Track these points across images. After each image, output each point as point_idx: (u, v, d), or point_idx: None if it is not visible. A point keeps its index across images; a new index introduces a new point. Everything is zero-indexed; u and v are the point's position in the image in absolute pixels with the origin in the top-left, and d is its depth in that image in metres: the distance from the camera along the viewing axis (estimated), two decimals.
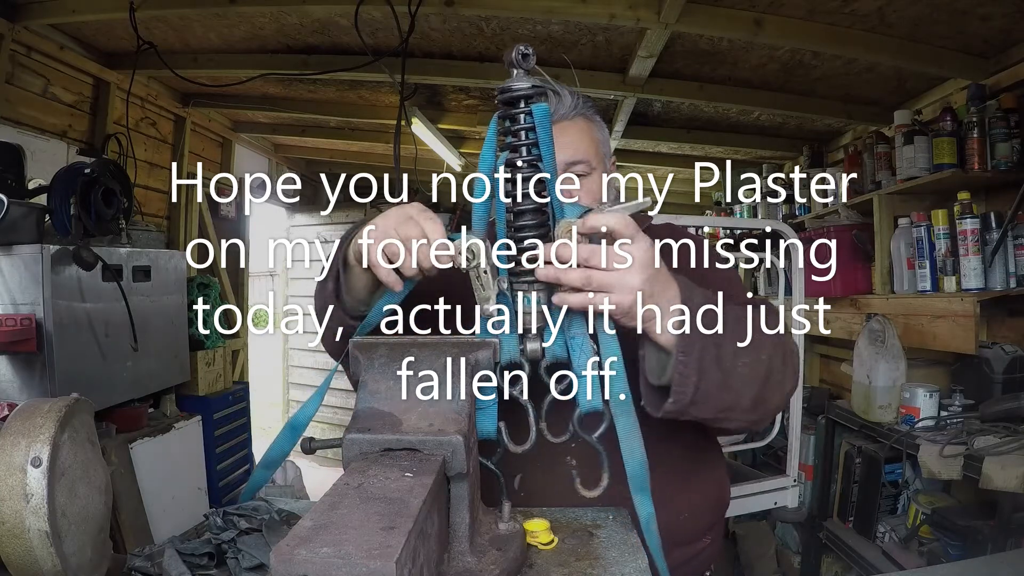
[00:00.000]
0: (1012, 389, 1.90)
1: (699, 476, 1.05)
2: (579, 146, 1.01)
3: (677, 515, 1.00)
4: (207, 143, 3.55)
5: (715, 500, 1.07)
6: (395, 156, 2.22)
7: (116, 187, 2.11)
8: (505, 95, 0.73)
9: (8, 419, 0.72)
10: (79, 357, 2.03)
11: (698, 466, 1.05)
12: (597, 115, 1.08)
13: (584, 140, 1.02)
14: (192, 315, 2.80)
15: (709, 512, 1.06)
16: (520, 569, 0.71)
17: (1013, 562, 1.48)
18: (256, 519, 0.80)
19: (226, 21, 2.33)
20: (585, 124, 1.04)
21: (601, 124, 1.08)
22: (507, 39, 2.34)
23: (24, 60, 2.26)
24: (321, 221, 5.00)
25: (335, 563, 0.44)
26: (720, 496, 1.09)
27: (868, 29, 2.04)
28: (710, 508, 1.06)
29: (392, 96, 2.99)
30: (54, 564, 0.68)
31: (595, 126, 1.06)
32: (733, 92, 2.64)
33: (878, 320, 2.26)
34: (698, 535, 1.04)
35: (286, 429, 0.83)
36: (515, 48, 0.70)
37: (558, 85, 1.03)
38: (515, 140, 0.74)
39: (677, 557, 1.00)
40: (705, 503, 1.05)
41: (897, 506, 2.29)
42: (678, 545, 1.01)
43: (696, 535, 1.04)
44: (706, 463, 1.07)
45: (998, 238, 1.98)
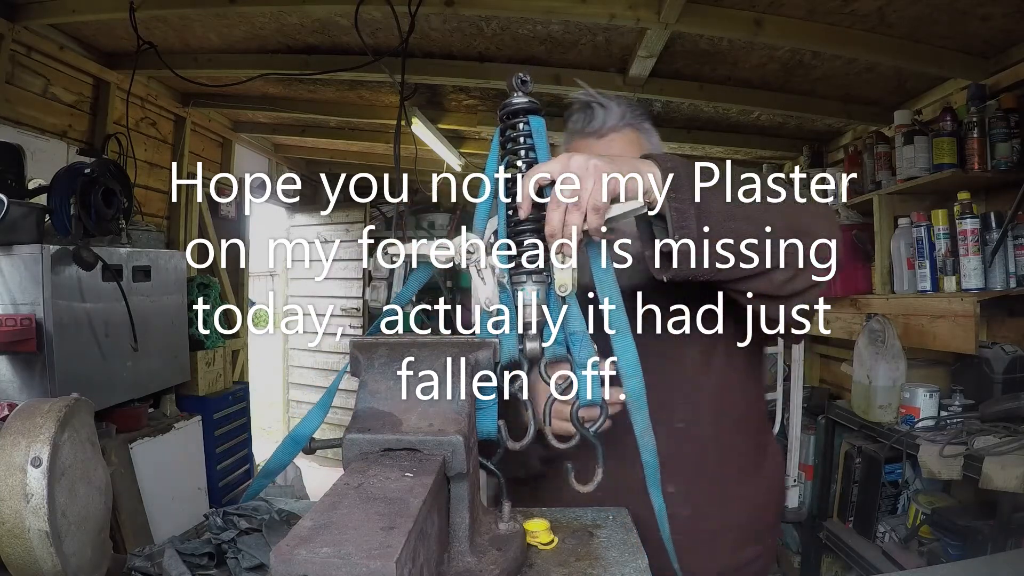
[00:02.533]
0: (1012, 389, 1.90)
1: (763, 470, 1.07)
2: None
3: (749, 508, 1.02)
4: (207, 143, 3.55)
5: (777, 492, 1.11)
6: (395, 156, 2.22)
7: (116, 187, 2.11)
8: (506, 110, 0.79)
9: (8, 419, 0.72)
10: (79, 357, 2.02)
11: (763, 460, 1.07)
12: (648, 121, 1.09)
13: (631, 150, 1.03)
14: (192, 315, 2.80)
15: (773, 506, 1.09)
16: (520, 569, 0.71)
17: (1013, 562, 1.48)
18: (256, 519, 0.80)
19: (226, 21, 2.33)
20: (634, 135, 1.06)
21: (650, 131, 1.09)
22: (507, 39, 2.34)
23: (24, 60, 2.26)
24: (321, 221, 5.00)
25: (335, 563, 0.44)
26: (780, 488, 1.12)
27: (868, 29, 2.04)
28: (773, 502, 1.09)
29: (392, 96, 2.99)
30: (54, 564, 0.68)
31: (643, 135, 1.07)
32: (733, 92, 2.64)
33: (878, 320, 2.26)
34: (765, 532, 1.07)
35: (287, 442, 0.83)
36: (515, 75, 0.77)
37: (605, 98, 1.05)
38: (515, 145, 0.79)
39: (751, 552, 1.03)
40: (769, 495, 1.07)
41: (897, 506, 2.29)
42: (752, 541, 1.04)
43: (764, 531, 1.06)
44: (769, 456, 1.09)
45: (998, 238, 1.98)
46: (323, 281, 4.97)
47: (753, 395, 1.11)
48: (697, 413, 1.01)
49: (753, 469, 1.05)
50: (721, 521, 1.00)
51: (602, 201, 0.68)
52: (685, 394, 1.01)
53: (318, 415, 0.85)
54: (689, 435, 1.00)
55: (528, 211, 0.72)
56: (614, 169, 0.70)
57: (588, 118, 1.06)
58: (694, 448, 1.00)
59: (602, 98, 1.05)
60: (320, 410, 0.85)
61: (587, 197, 0.68)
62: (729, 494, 1.02)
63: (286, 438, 0.84)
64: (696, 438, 1.01)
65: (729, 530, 1.01)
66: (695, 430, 1.01)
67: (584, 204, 0.68)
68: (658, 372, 1.01)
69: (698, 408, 1.02)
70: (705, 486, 1.00)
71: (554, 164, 0.70)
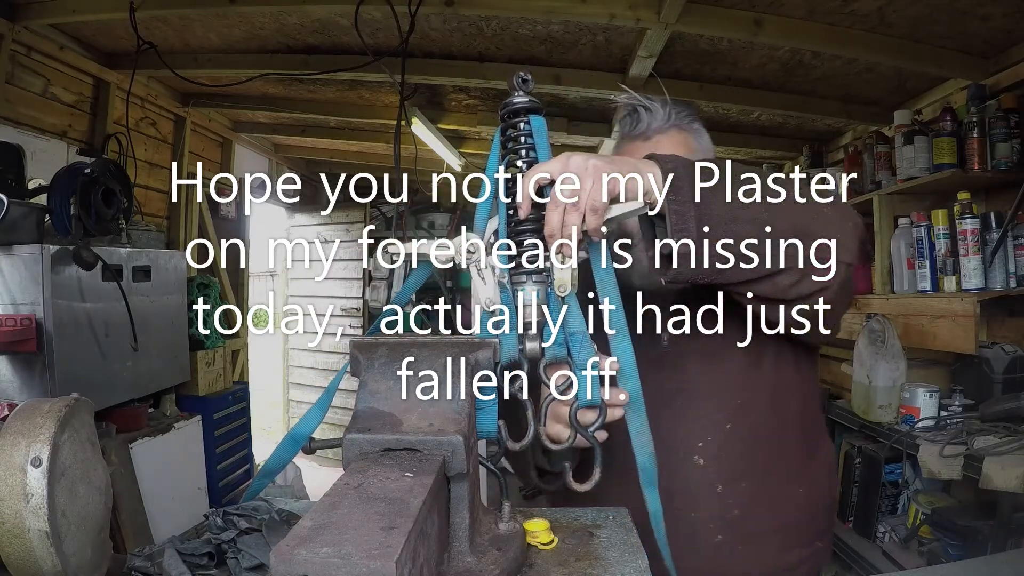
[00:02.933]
0: (1012, 389, 1.90)
1: (813, 473, 1.05)
2: None
3: (796, 511, 1.01)
4: (207, 143, 3.55)
5: (828, 496, 1.07)
6: (395, 156, 2.22)
7: (116, 187, 2.11)
8: (507, 109, 0.79)
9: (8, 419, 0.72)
10: (79, 357, 2.02)
11: (813, 463, 1.05)
12: (696, 122, 1.08)
13: (678, 151, 1.01)
14: (192, 315, 2.80)
15: (823, 511, 1.06)
16: (520, 569, 0.71)
17: (1013, 562, 1.48)
18: (256, 519, 0.80)
19: (226, 21, 2.33)
20: (680, 136, 1.05)
21: (699, 131, 1.09)
22: (507, 39, 2.34)
23: (24, 60, 2.26)
24: (321, 221, 5.00)
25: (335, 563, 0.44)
26: (831, 492, 1.09)
27: (868, 29, 2.04)
28: (823, 506, 1.06)
29: (392, 96, 2.99)
30: (54, 564, 0.68)
31: (692, 135, 1.07)
32: (733, 92, 2.64)
33: (878, 320, 2.26)
34: (814, 536, 1.04)
35: (287, 441, 0.83)
36: (516, 75, 0.77)
37: (651, 101, 1.05)
38: (516, 144, 0.78)
39: (796, 556, 1.01)
40: (818, 499, 1.05)
41: (897, 506, 2.29)
42: (799, 544, 1.02)
43: (813, 535, 1.04)
44: (819, 459, 1.07)
45: (998, 238, 1.98)
46: (323, 281, 4.97)
47: (805, 395, 1.09)
48: (746, 413, 1.00)
49: (804, 471, 1.03)
50: (769, 522, 0.99)
51: (601, 201, 0.68)
52: (733, 393, 1.00)
53: (317, 414, 0.85)
54: (737, 435, 0.99)
55: (528, 211, 0.72)
56: (613, 169, 0.70)
57: (634, 121, 1.06)
58: (743, 448, 0.99)
59: (647, 101, 1.05)
60: (319, 409, 0.85)
61: (586, 197, 0.68)
62: (778, 495, 1.00)
63: (285, 437, 0.84)
64: (744, 438, 0.99)
65: (777, 532, 0.99)
66: (743, 430, 0.99)
67: (583, 204, 0.68)
68: (704, 372, 1.00)
69: (747, 408, 1.00)
70: (753, 487, 0.99)
71: (554, 164, 0.70)
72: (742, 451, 0.99)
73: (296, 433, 0.83)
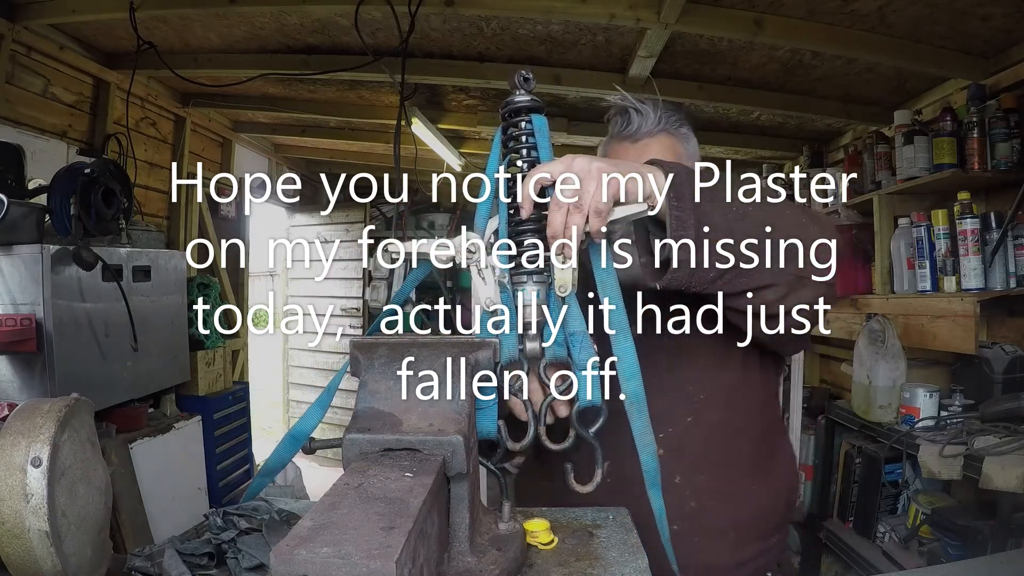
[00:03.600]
0: (1012, 389, 1.90)
1: (773, 472, 1.07)
2: None
3: (753, 508, 1.02)
4: (207, 143, 3.55)
5: (786, 495, 1.09)
6: (395, 156, 2.22)
7: (116, 187, 2.11)
8: (508, 108, 0.79)
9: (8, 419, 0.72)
10: (79, 357, 2.02)
11: (772, 462, 1.07)
12: (685, 126, 1.10)
13: (666, 155, 1.04)
14: (192, 315, 2.80)
15: (782, 508, 1.08)
16: (520, 569, 0.71)
17: (1013, 562, 1.48)
18: (256, 519, 0.80)
19: (226, 21, 2.33)
20: (668, 140, 1.07)
21: (688, 135, 1.10)
22: (507, 39, 2.34)
23: (24, 60, 2.26)
24: (321, 221, 5.00)
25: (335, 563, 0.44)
26: (789, 491, 1.11)
27: (868, 29, 2.04)
28: (782, 504, 1.08)
29: (392, 96, 2.99)
30: (54, 564, 0.68)
31: (680, 140, 1.08)
32: (733, 92, 2.64)
33: (878, 320, 2.26)
34: (771, 531, 1.06)
35: (287, 440, 0.83)
36: (518, 73, 0.77)
37: (642, 103, 1.06)
38: (517, 144, 0.78)
39: (751, 550, 1.03)
40: (777, 497, 1.07)
41: (897, 506, 2.29)
42: (754, 539, 1.04)
43: (769, 530, 1.06)
44: (778, 458, 1.09)
45: (998, 238, 1.98)
46: (323, 281, 4.97)
47: (768, 396, 1.12)
48: (709, 409, 1.02)
49: (762, 469, 1.05)
50: (726, 517, 1.01)
51: (604, 204, 0.69)
52: (697, 388, 1.02)
53: (317, 413, 0.85)
54: (698, 429, 1.01)
55: (530, 211, 0.73)
56: (616, 171, 0.70)
57: (624, 122, 1.07)
58: (703, 442, 1.01)
59: (639, 103, 1.06)
60: (319, 408, 0.86)
61: (588, 199, 0.69)
62: (736, 491, 1.02)
63: (285, 436, 0.84)
64: (705, 433, 1.01)
65: (733, 527, 1.02)
66: (705, 425, 1.01)
67: (586, 206, 0.69)
68: (671, 367, 1.02)
69: (710, 404, 1.02)
70: (712, 480, 1.00)
71: (556, 165, 0.71)
72: (702, 445, 1.01)
73: (296, 432, 0.83)
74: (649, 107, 1.06)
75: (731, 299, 0.82)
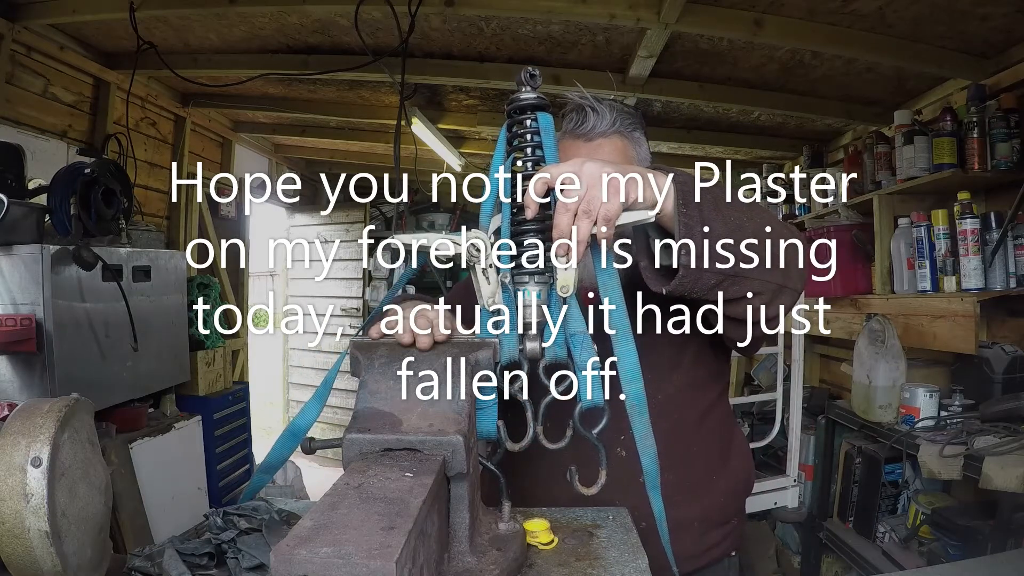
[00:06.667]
0: (1012, 389, 1.90)
1: (730, 462, 1.11)
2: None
3: (716, 498, 1.07)
4: (207, 143, 3.55)
5: (744, 482, 1.14)
6: (395, 156, 2.22)
7: (116, 187, 2.11)
8: (513, 105, 0.79)
9: (8, 419, 0.72)
10: (79, 357, 2.02)
11: (729, 453, 1.12)
12: (639, 131, 1.11)
13: (617, 157, 1.05)
14: (192, 315, 2.80)
15: (741, 494, 1.14)
16: (520, 569, 0.71)
17: (1013, 562, 1.48)
18: (256, 519, 0.80)
19: (226, 21, 2.33)
20: (621, 142, 1.08)
21: (640, 140, 1.11)
22: (507, 39, 2.34)
23: (24, 60, 2.26)
24: (321, 221, 5.00)
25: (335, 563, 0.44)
26: (747, 479, 1.15)
27: (868, 29, 2.04)
28: (740, 491, 1.14)
29: (392, 96, 2.99)
30: (54, 564, 0.68)
31: (631, 143, 1.10)
32: (733, 92, 2.64)
33: (878, 320, 2.26)
34: (730, 516, 1.11)
35: (286, 434, 0.83)
36: (524, 70, 0.77)
37: (600, 103, 1.07)
38: (521, 142, 0.79)
39: (715, 536, 1.08)
40: (736, 485, 1.12)
41: (897, 506, 2.29)
42: (716, 526, 1.08)
43: (729, 516, 1.11)
44: (734, 448, 1.14)
45: (998, 238, 1.98)
46: (323, 281, 4.97)
47: (722, 388, 1.17)
48: (668, 407, 1.04)
49: (721, 460, 1.09)
50: (691, 511, 1.04)
51: (615, 211, 0.70)
52: (657, 387, 1.03)
53: (315, 406, 0.85)
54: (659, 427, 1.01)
55: (534, 213, 0.73)
56: (624, 177, 0.72)
57: (580, 120, 1.08)
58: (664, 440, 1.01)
59: (596, 103, 1.07)
60: (317, 401, 0.85)
61: (598, 207, 0.69)
62: (698, 484, 1.05)
63: (284, 431, 0.83)
64: (666, 431, 1.01)
65: (698, 519, 1.05)
66: (665, 423, 1.02)
67: (595, 213, 0.69)
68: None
69: (669, 402, 1.04)
70: (675, 477, 1.01)
71: (565, 169, 0.71)
72: (663, 443, 1.01)
73: (295, 426, 0.82)
74: (606, 108, 1.07)
75: (728, 305, 0.84)
